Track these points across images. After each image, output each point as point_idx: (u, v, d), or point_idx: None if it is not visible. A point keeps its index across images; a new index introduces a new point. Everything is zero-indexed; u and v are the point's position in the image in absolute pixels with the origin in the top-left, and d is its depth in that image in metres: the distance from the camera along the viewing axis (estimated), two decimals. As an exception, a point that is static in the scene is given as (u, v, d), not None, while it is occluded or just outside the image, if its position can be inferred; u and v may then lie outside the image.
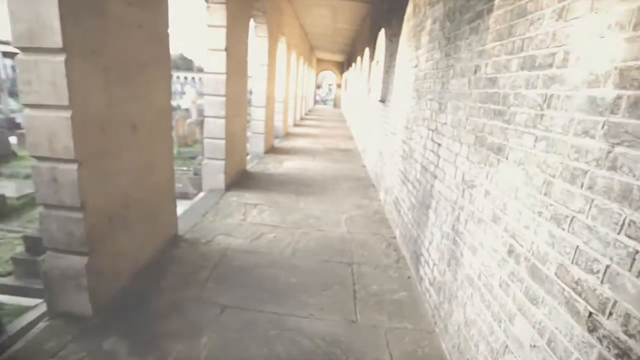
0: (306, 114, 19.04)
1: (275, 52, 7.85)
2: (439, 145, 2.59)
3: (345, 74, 21.95)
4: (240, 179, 5.37)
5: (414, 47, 3.58)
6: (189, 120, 12.47)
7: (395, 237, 3.62)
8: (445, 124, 2.49)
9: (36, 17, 1.80)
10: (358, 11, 9.05)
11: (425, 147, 2.94)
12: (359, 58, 11.06)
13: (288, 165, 6.61)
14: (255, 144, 7.45)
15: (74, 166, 1.95)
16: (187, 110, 16.80)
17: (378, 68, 6.07)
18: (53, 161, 1.98)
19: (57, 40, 1.80)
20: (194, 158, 9.77)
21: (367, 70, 7.92)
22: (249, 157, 6.95)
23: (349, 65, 17.36)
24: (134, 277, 2.55)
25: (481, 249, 1.78)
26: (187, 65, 50.47)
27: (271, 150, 8.02)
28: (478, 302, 1.76)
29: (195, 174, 7.40)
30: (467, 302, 1.89)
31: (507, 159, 1.62)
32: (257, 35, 6.87)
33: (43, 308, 2.75)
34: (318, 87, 34.76)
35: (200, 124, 6.62)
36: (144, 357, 1.91)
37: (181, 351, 1.96)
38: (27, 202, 5.80)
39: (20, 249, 3.97)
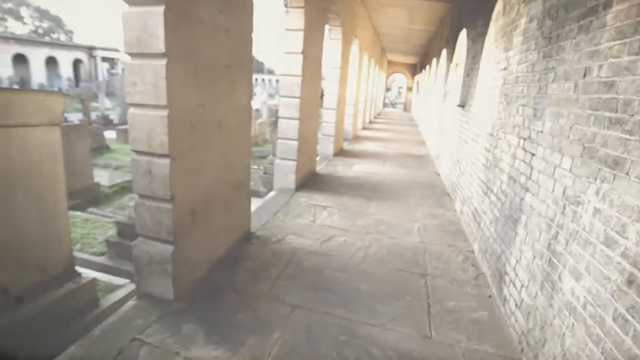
0: (375, 117, 18.88)
1: (348, 55, 7.91)
2: (533, 155, 2.37)
3: (417, 77, 21.37)
4: (310, 180, 5.48)
5: (503, 49, 3.34)
6: (259, 120, 13.07)
7: (473, 251, 3.40)
8: (542, 132, 2.27)
9: (144, 27, 2.01)
10: (436, 11, 8.74)
11: (514, 157, 2.71)
12: (434, 60, 10.67)
13: (357, 169, 6.60)
14: (325, 146, 7.55)
15: (167, 161, 2.14)
16: (257, 110, 17.66)
17: (457, 71, 5.79)
18: (149, 155, 2.19)
19: (160, 46, 1.99)
20: (264, 157, 10.19)
21: (443, 73, 7.60)
22: (318, 158, 7.06)
23: (422, 68, 16.85)
24: (210, 268, 2.72)
25: (587, 275, 1.58)
26: (258, 67, 53.26)
27: (340, 152, 8.07)
28: (582, 335, 1.56)
29: (265, 172, 7.71)
30: (566, 332, 1.69)
31: (627, 174, 1.42)
32: (330, 38, 6.98)
33: (130, 288, 3.07)
34: (387, 89, 34.30)
35: (272, 124, 6.88)
36: (219, 346, 2.02)
37: (253, 344, 2.04)
38: (117, 190, 6.49)
39: (112, 232, 4.46)
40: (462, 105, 5.02)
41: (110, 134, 10.84)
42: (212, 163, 2.60)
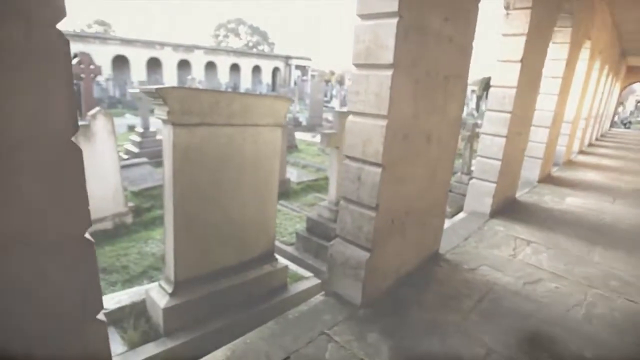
0: (598, 139, 15.72)
1: (574, 62, 6.83)
2: None
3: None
4: (508, 207, 4.98)
5: None
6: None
7: None
8: None
9: (375, 39, 2.22)
10: None
11: None
12: None
13: (573, 202, 5.61)
14: (529, 169, 6.72)
15: (378, 170, 2.32)
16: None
17: None
18: (361, 162, 2.41)
19: (389, 57, 2.16)
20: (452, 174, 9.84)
21: None
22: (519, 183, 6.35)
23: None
24: (397, 281, 2.80)
25: None
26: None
27: (547, 179, 7.04)
28: None
29: (451, 190, 7.43)
30: None
31: None
32: (553, 42, 6.15)
33: (314, 281, 3.42)
34: (620, 103, 27.99)
35: (466, 138, 6.55)
36: (404, 366, 2.05)
37: (442, 378, 1.99)
38: (303, 188, 7.33)
39: (300, 226, 5.12)
40: None
41: (298, 135, 12.51)
42: (417, 176, 2.68)
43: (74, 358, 1.26)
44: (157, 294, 2.60)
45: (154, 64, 28.37)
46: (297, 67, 37.14)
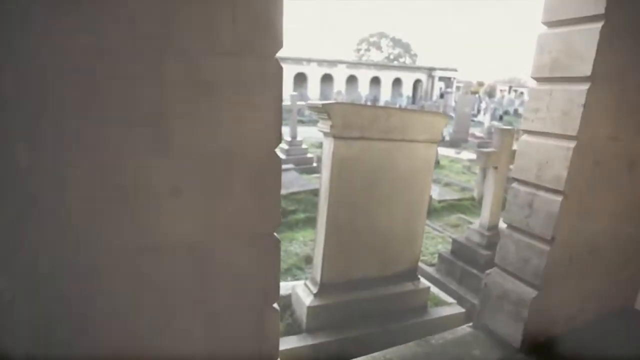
0: None
1: None
2: None
3: None
4: None
5: None
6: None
7: None
8: None
9: (566, 48, 1.94)
10: None
11: None
12: None
13: None
14: None
15: (558, 198, 2.01)
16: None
17: None
18: (534, 187, 2.14)
19: (584, 69, 1.86)
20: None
21: None
22: None
23: None
24: (571, 332, 2.37)
25: None
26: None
27: None
28: None
29: None
30: None
31: None
32: None
33: (457, 309, 3.19)
34: None
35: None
36: None
37: None
38: (445, 207, 6.93)
39: (442, 247, 4.85)
40: None
41: (441, 151, 11.95)
42: (609, 209, 2.23)
43: (250, 338, 1.44)
44: (302, 292, 2.78)
45: (299, 79, 30.87)
46: (441, 78, 35.65)
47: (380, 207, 2.77)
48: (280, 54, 1.20)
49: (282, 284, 3.23)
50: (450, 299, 3.40)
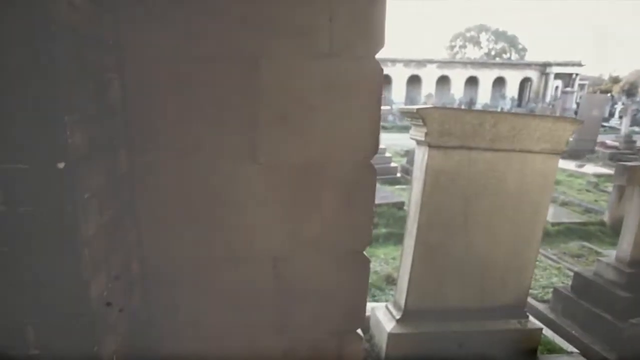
0: None
1: None
2: None
3: None
4: None
5: None
6: None
7: None
8: None
9: None
10: None
11: None
12: None
13: None
14: None
15: None
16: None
17: None
18: None
19: None
20: None
21: None
22: None
23: None
24: None
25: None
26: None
27: None
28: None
29: None
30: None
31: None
32: None
33: (579, 360, 2.60)
34: None
35: None
36: None
37: None
38: (561, 231, 5.98)
39: (557, 280, 4.11)
40: None
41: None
42: None
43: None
44: (383, 316, 2.57)
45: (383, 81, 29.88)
46: (558, 75, 30.74)
47: (481, 228, 2.42)
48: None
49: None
50: (570, 347, 2.85)
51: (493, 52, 48.02)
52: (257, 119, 1.07)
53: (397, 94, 28.60)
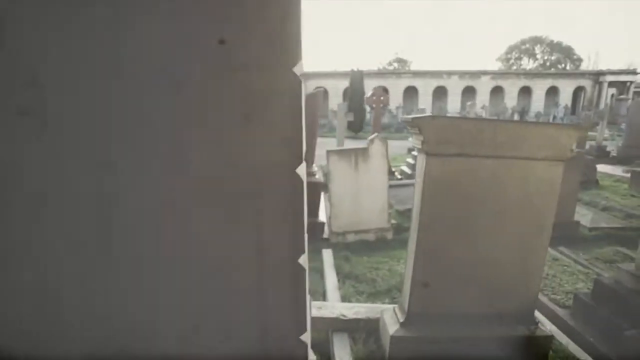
0: None
1: None
2: None
3: None
4: None
5: None
6: None
7: None
8: None
9: None
10: None
11: None
12: None
13: None
14: None
15: None
16: None
17: None
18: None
19: None
20: None
21: None
22: None
23: None
24: None
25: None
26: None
27: None
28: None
29: None
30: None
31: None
32: None
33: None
34: None
35: None
36: None
37: None
38: (599, 236, 5.67)
39: (584, 285, 3.93)
40: None
41: (602, 168, 9.86)
42: None
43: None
44: (389, 318, 2.61)
45: (439, 92, 29.81)
46: (612, 84, 29.73)
47: (484, 234, 2.41)
48: (418, 67, 1.09)
49: (374, 305, 3.10)
50: (585, 356, 2.73)
51: (548, 63, 47.71)
52: (180, 134, 1.07)
53: (453, 104, 29.44)
